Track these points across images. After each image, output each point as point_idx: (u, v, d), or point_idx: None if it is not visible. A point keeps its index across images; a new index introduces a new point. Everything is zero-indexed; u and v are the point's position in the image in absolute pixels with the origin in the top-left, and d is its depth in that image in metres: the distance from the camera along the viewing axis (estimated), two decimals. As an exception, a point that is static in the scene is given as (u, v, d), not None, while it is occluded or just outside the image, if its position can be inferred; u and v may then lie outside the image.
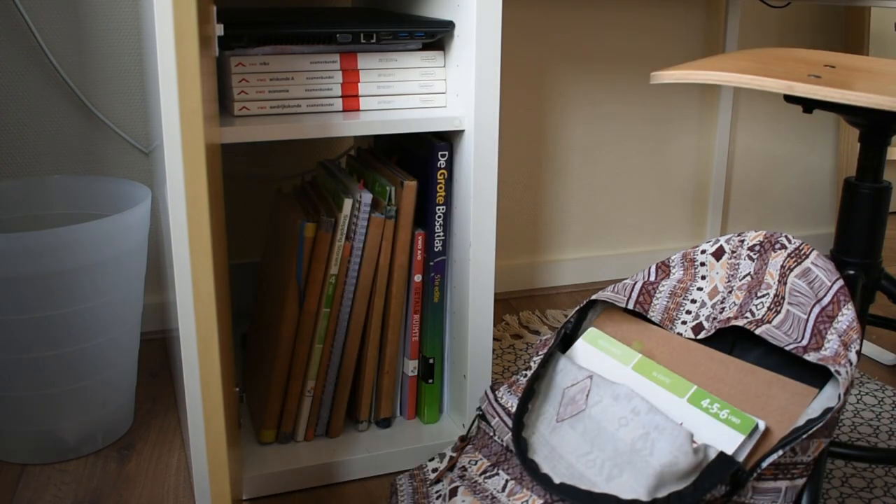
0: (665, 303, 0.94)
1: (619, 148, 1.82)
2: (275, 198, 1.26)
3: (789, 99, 1.10)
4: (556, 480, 0.82)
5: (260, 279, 1.33)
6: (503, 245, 1.78)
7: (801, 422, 0.77)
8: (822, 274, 0.84)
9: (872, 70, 1.00)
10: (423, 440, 1.17)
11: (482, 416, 0.98)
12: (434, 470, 1.00)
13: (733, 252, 0.92)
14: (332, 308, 1.11)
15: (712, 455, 0.76)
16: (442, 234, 1.14)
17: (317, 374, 1.13)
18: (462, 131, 1.09)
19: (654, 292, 0.95)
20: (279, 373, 1.11)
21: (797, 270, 0.86)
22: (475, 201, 1.09)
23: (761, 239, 0.91)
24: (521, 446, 0.87)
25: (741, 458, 0.77)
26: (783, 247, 0.88)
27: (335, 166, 1.24)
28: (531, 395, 0.92)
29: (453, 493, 0.92)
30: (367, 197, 1.08)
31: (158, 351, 1.52)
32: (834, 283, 0.83)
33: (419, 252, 1.14)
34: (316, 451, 1.14)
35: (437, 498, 0.94)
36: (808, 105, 1.11)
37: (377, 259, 1.11)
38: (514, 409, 0.93)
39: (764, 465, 0.74)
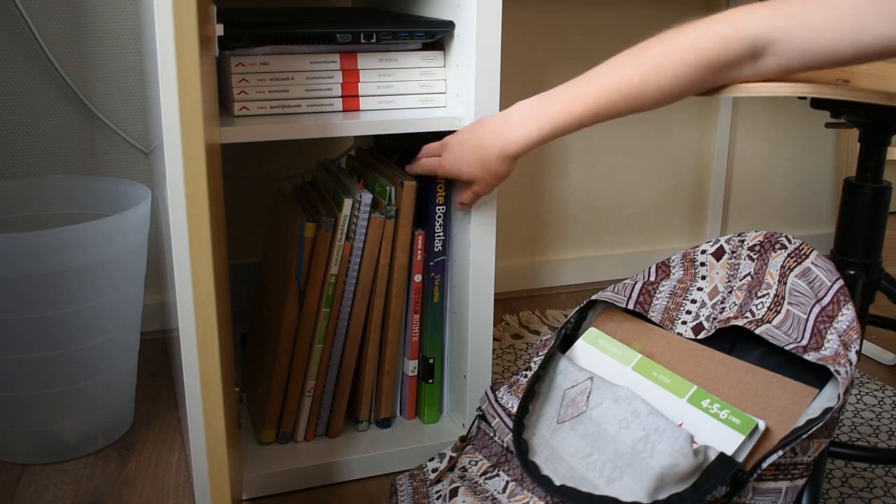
0: (665, 303, 0.94)
1: (619, 148, 1.82)
2: (275, 198, 1.26)
3: (815, 104, 1.10)
4: (557, 482, 0.82)
5: (260, 279, 1.32)
6: (503, 245, 1.78)
7: (801, 422, 0.77)
8: (822, 274, 0.84)
9: (890, 76, 0.98)
10: (423, 440, 1.17)
11: (482, 417, 0.98)
12: (434, 470, 1.00)
13: (733, 252, 0.92)
14: (332, 308, 1.11)
15: (712, 456, 0.76)
16: (442, 234, 1.14)
17: (317, 374, 1.13)
18: (462, 131, 1.09)
19: (654, 292, 0.95)
20: (279, 373, 1.11)
21: (797, 270, 0.86)
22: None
23: (761, 239, 0.91)
24: (521, 448, 0.87)
25: (741, 458, 0.77)
26: (783, 247, 0.88)
27: (335, 166, 1.24)
28: (532, 396, 0.92)
29: (454, 493, 0.92)
30: (367, 197, 1.08)
31: (158, 351, 1.52)
32: (834, 283, 0.83)
33: (419, 252, 1.14)
34: (316, 451, 1.14)
35: (438, 498, 0.94)
36: (838, 109, 1.10)
37: (377, 259, 1.11)
38: (514, 410, 0.93)
39: (764, 465, 0.74)
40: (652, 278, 0.97)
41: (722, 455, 0.76)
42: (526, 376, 0.97)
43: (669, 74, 0.81)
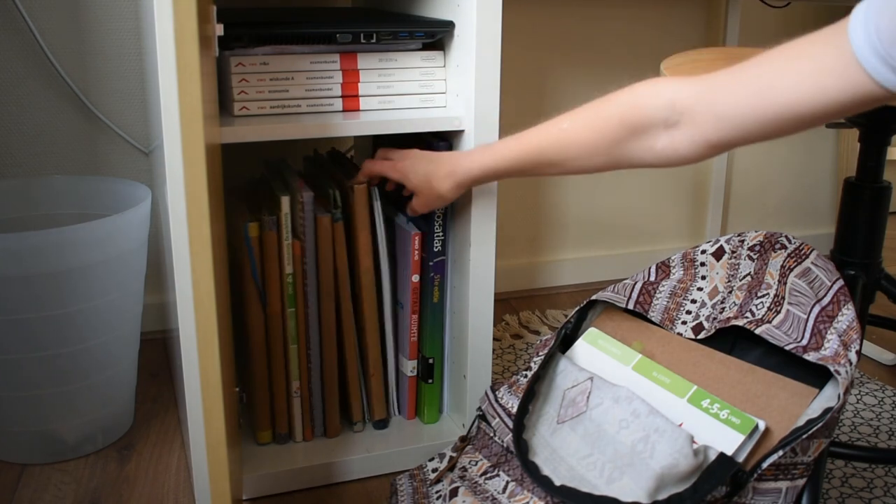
0: (665, 303, 0.94)
1: (619, 148, 1.82)
2: (226, 198, 1.24)
3: None
4: (557, 482, 0.82)
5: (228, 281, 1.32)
6: (503, 245, 1.78)
7: (801, 422, 0.77)
8: (822, 274, 0.84)
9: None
10: (422, 440, 1.17)
11: (482, 417, 0.98)
12: (434, 470, 1.00)
13: (733, 252, 0.92)
14: (297, 308, 1.10)
15: (712, 456, 0.76)
16: (441, 234, 1.14)
17: (299, 375, 1.12)
18: (462, 131, 1.09)
19: (655, 292, 0.95)
20: (259, 374, 1.11)
21: (797, 270, 0.86)
22: (475, 201, 1.09)
23: (761, 239, 0.91)
24: (521, 448, 0.87)
25: (741, 458, 0.77)
26: (783, 247, 0.88)
27: (283, 165, 1.22)
28: (532, 396, 0.92)
29: (454, 493, 0.92)
30: (308, 196, 1.07)
31: (158, 351, 1.52)
32: (834, 283, 0.83)
33: (416, 252, 1.14)
34: (315, 452, 1.14)
35: (438, 498, 0.94)
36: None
37: (334, 262, 1.10)
38: (514, 410, 0.93)
39: (764, 465, 0.74)
40: (652, 278, 0.97)
41: (722, 455, 0.76)
42: (526, 376, 0.97)
43: (590, 126, 0.87)
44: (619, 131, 0.84)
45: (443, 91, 1.13)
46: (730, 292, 0.90)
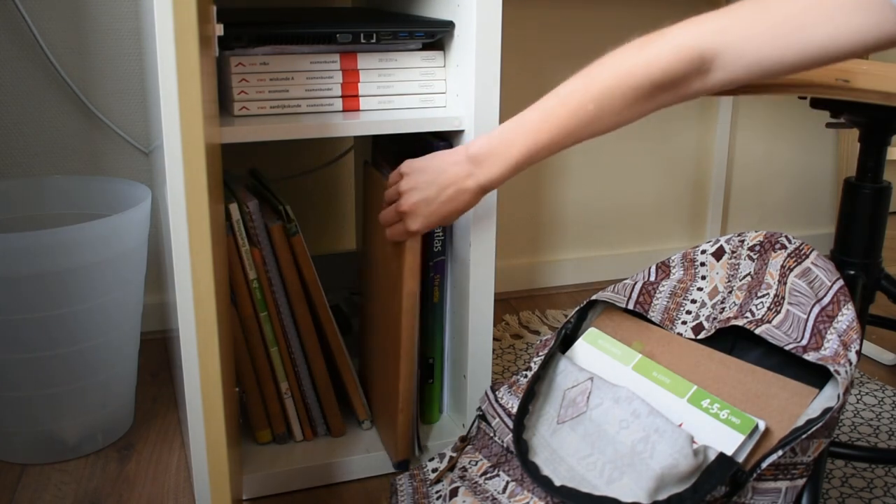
0: (665, 303, 0.94)
1: (619, 148, 1.82)
2: None
3: (815, 104, 1.10)
4: (557, 483, 0.82)
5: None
6: (503, 245, 1.78)
7: (800, 422, 0.77)
8: (822, 274, 0.84)
9: (890, 76, 0.97)
10: (423, 440, 1.17)
11: (482, 417, 0.98)
12: (434, 470, 1.00)
13: (733, 252, 0.92)
14: (269, 312, 1.10)
15: (712, 456, 0.76)
16: (441, 234, 1.14)
17: (286, 376, 1.12)
18: (462, 131, 1.09)
19: (655, 292, 0.95)
20: (247, 376, 1.11)
21: (797, 270, 0.86)
22: (475, 201, 1.09)
23: (761, 239, 0.91)
24: (521, 448, 0.87)
25: (741, 458, 0.77)
26: (783, 247, 0.88)
27: (226, 175, 1.21)
28: (532, 396, 0.92)
29: (454, 493, 0.92)
30: (253, 204, 1.07)
31: (158, 351, 1.52)
32: (834, 283, 0.83)
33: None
34: (316, 451, 1.14)
35: (438, 498, 0.94)
36: (838, 109, 1.10)
37: (299, 272, 1.10)
38: (514, 410, 0.93)
39: (764, 465, 0.74)
40: (652, 278, 0.97)
41: (722, 455, 0.76)
42: (526, 376, 0.97)
43: (621, 97, 0.83)
44: (653, 93, 0.82)
45: (443, 91, 1.13)
46: (730, 292, 0.90)
